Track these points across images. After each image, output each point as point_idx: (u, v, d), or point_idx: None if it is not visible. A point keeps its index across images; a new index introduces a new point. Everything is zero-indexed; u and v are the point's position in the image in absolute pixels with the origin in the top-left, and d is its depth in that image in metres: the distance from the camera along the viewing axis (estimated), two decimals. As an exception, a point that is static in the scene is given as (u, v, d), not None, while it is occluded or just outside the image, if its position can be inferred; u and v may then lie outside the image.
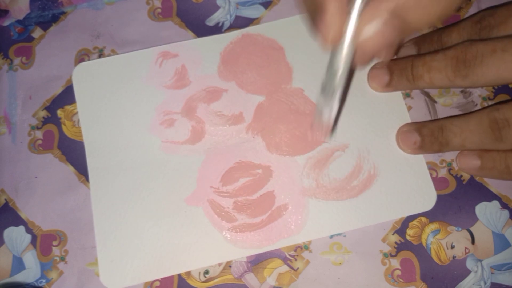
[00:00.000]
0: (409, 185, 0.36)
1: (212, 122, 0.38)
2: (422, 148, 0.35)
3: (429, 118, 0.37)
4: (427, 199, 0.35)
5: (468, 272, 0.34)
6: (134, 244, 0.35)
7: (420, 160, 0.36)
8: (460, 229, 0.35)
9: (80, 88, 0.38)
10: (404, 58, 0.36)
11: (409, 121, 0.37)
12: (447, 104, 0.37)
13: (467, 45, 0.31)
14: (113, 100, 0.38)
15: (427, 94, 0.38)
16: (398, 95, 0.38)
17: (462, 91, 0.38)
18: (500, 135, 0.31)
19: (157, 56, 0.39)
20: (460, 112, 0.37)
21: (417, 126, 0.35)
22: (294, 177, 0.36)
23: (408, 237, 0.35)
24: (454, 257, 0.35)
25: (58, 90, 0.39)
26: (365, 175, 0.36)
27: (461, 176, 0.36)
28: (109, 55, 0.39)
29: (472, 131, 0.32)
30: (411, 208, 0.35)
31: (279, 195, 0.36)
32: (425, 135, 0.35)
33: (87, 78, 0.39)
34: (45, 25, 0.41)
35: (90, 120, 0.38)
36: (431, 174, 0.36)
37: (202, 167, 0.36)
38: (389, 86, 0.36)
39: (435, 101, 0.38)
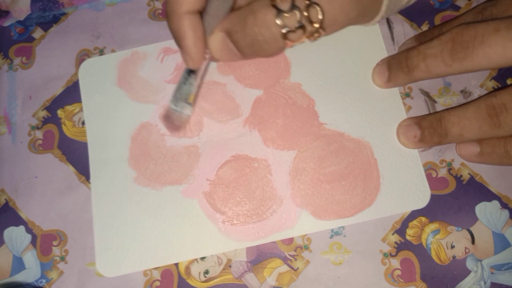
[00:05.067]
0: (403, 182, 0.36)
1: (210, 115, 0.38)
2: (422, 141, 0.35)
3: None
4: (421, 196, 0.36)
5: (468, 272, 0.34)
6: (131, 233, 0.35)
7: (415, 157, 0.36)
8: (460, 229, 0.35)
9: (86, 83, 0.39)
10: (401, 51, 0.36)
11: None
12: (447, 104, 0.37)
13: (463, 27, 0.30)
14: (115, 93, 0.39)
15: (427, 94, 0.38)
16: (395, 93, 0.38)
17: (462, 91, 0.38)
18: (498, 120, 0.30)
19: (158, 52, 0.39)
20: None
21: (417, 120, 0.35)
22: (290, 171, 0.36)
23: (408, 237, 0.35)
24: (454, 257, 0.35)
25: (58, 90, 0.39)
26: (360, 171, 0.36)
27: (461, 176, 0.36)
28: (109, 55, 0.40)
29: (470, 118, 0.32)
30: (406, 205, 0.35)
31: (274, 189, 0.36)
32: (425, 128, 0.34)
33: (93, 73, 0.39)
34: (46, 26, 0.41)
35: (94, 113, 0.38)
36: (430, 174, 0.36)
37: (199, 160, 0.37)
38: (389, 81, 0.36)
39: (435, 101, 0.38)
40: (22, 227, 0.36)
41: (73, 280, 0.35)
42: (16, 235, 0.36)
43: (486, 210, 0.35)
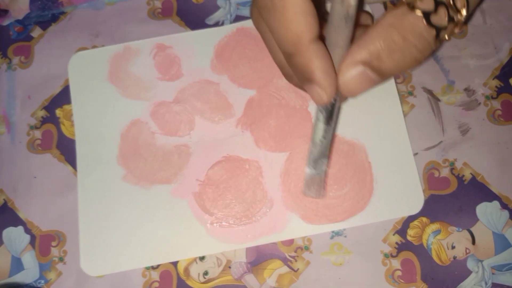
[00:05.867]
0: (397, 187, 0.36)
1: (202, 115, 0.38)
2: None
3: (432, 117, 0.37)
4: (415, 202, 0.35)
5: (469, 272, 0.34)
6: (118, 232, 0.35)
7: (410, 162, 0.36)
8: (460, 229, 0.35)
9: (76, 76, 0.39)
10: None
11: (403, 121, 0.37)
12: (451, 102, 0.37)
13: None
14: (106, 89, 0.38)
15: (430, 92, 0.38)
16: (393, 94, 0.37)
17: (465, 89, 0.38)
18: None
19: (151, 48, 0.39)
20: (463, 111, 0.37)
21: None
22: (281, 173, 0.36)
23: (408, 238, 0.35)
24: (454, 258, 0.34)
25: (56, 89, 0.39)
26: (354, 174, 0.36)
27: (463, 176, 0.36)
28: (108, 54, 0.39)
29: None
30: (399, 211, 0.35)
31: (265, 191, 0.36)
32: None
33: (84, 67, 0.39)
34: (45, 25, 0.40)
35: (83, 108, 0.38)
36: (433, 174, 0.36)
37: (189, 160, 0.37)
38: None
39: (438, 99, 0.37)
40: (21, 228, 0.36)
41: (72, 281, 0.35)
42: (15, 235, 0.36)
43: (486, 211, 0.35)
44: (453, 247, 0.35)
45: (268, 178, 0.36)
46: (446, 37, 0.25)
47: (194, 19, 0.40)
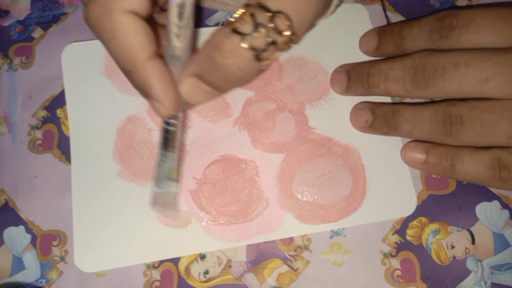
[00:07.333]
0: (390, 190, 0.36)
1: (200, 113, 0.38)
2: (372, 128, 0.35)
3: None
4: (407, 204, 0.36)
5: (468, 272, 0.34)
6: (112, 228, 0.35)
7: (403, 165, 0.36)
8: (460, 229, 0.35)
9: (69, 68, 0.38)
10: (362, 64, 0.36)
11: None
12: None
13: (426, 56, 0.31)
14: (101, 83, 0.38)
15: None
16: (387, 99, 0.38)
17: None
18: (451, 130, 0.31)
19: None
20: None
21: (372, 106, 0.36)
22: (277, 173, 0.36)
23: (408, 237, 0.35)
24: (454, 257, 0.35)
25: (57, 89, 0.39)
26: (347, 176, 0.36)
27: (461, 176, 0.36)
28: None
29: (424, 120, 0.32)
30: (392, 213, 0.35)
31: (261, 191, 0.36)
32: (377, 116, 0.35)
33: (78, 59, 0.39)
34: (46, 25, 0.41)
35: (77, 101, 0.38)
36: (431, 174, 0.36)
37: (186, 158, 0.37)
38: (347, 91, 0.37)
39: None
40: (22, 227, 0.36)
41: (73, 280, 0.35)
42: (16, 235, 0.36)
43: (486, 210, 0.35)
44: (452, 247, 0.35)
45: (264, 178, 0.36)
46: (269, 57, 0.26)
47: (195, 19, 0.40)
